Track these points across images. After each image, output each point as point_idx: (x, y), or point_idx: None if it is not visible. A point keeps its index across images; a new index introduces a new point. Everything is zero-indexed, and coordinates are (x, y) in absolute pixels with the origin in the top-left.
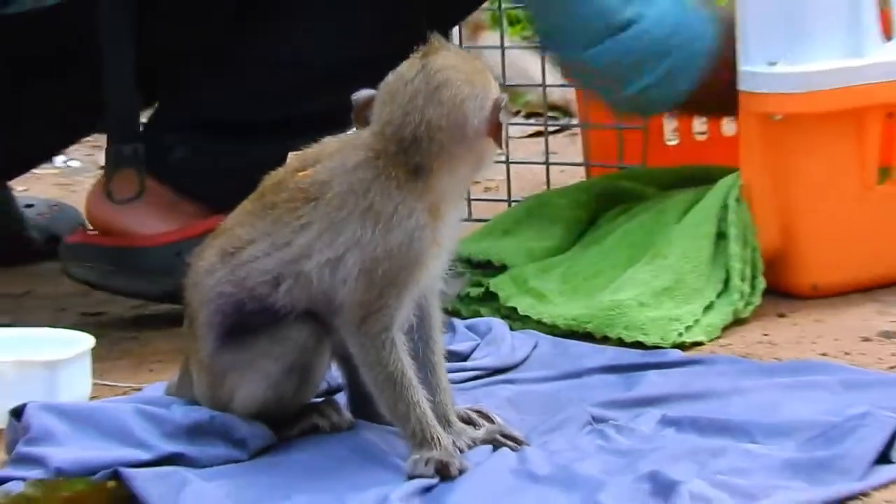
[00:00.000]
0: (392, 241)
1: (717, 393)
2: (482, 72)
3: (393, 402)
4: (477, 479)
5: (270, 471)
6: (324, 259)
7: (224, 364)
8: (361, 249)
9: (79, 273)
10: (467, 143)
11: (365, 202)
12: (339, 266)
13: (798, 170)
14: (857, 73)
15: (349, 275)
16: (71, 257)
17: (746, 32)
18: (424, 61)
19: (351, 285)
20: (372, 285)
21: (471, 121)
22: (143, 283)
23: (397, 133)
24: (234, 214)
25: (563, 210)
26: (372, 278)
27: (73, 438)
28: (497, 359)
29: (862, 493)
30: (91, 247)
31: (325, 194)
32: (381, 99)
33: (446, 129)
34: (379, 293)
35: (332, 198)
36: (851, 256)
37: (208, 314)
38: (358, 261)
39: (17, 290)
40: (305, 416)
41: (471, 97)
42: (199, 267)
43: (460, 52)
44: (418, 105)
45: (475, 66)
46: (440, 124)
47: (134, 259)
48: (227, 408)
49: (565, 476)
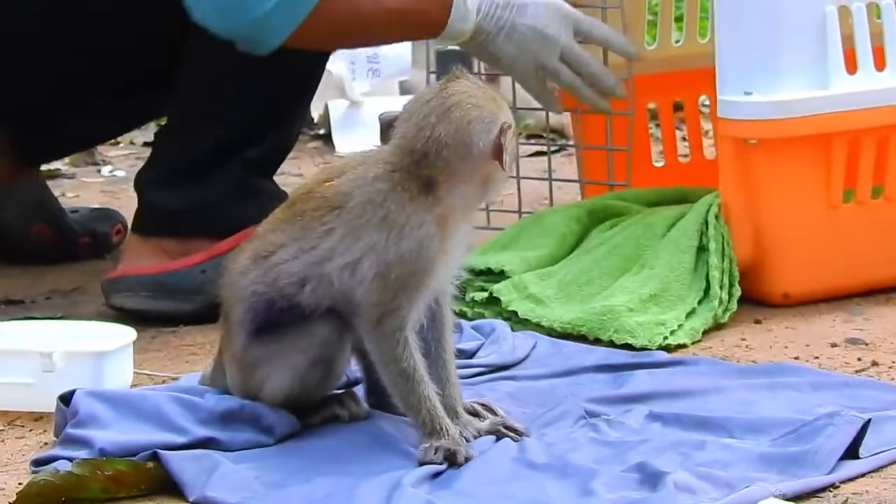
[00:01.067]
0: (403, 249)
1: (698, 391)
2: (494, 100)
3: (405, 395)
4: (481, 466)
5: (294, 455)
6: (343, 262)
7: (255, 357)
8: (377, 254)
9: (118, 302)
10: (471, 161)
11: (381, 212)
12: (356, 269)
13: (771, 189)
14: (823, 102)
15: (365, 277)
16: (111, 290)
17: (723, 64)
18: (444, 86)
19: (366, 287)
20: (386, 288)
21: (476, 141)
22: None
23: (410, 147)
24: (266, 221)
25: (556, 225)
26: (385, 282)
27: (116, 422)
28: (500, 357)
29: (832, 486)
30: (128, 277)
31: (347, 203)
32: (402, 117)
33: (451, 147)
34: (392, 295)
35: (353, 206)
36: (819, 268)
37: (241, 311)
38: (373, 265)
39: (68, 286)
40: (327, 406)
41: (478, 119)
42: (233, 269)
43: (478, 82)
44: (430, 122)
45: (488, 95)
46: (446, 141)
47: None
48: (256, 397)
49: (561, 465)
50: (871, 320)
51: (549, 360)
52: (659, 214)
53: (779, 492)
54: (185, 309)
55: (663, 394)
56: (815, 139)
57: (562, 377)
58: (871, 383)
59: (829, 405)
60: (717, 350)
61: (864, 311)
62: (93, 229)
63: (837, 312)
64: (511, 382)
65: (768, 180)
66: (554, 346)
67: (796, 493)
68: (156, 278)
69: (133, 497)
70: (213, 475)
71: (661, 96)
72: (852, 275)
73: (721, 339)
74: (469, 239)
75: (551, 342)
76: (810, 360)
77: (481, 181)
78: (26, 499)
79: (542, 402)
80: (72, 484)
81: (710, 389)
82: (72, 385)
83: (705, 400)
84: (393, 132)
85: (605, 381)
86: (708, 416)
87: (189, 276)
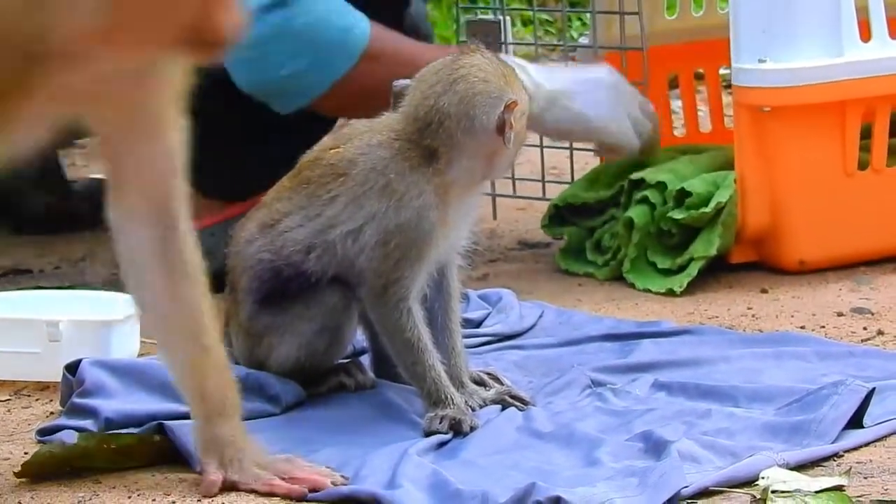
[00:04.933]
0: (402, 218)
1: (704, 361)
2: (505, 76)
3: (410, 365)
4: (487, 436)
5: (301, 425)
6: (347, 230)
7: (262, 325)
8: (377, 222)
9: None
10: (474, 135)
11: (383, 179)
12: (359, 236)
13: (786, 156)
14: (837, 69)
15: (367, 244)
16: None
17: (738, 33)
18: (456, 58)
19: (368, 254)
20: (387, 257)
21: (479, 115)
22: None
23: (414, 115)
24: (273, 190)
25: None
26: (386, 250)
27: (122, 392)
28: (506, 326)
29: (835, 455)
30: None
31: (351, 171)
32: (412, 86)
33: (454, 118)
34: (394, 264)
35: (357, 174)
36: (834, 235)
37: (248, 280)
38: (374, 233)
39: (75, 255)
40: (333, 375)
41: (483, 94)
42: (240, 237)
43: (493, 57)
44: (436, 92)
45: (500, 70)
46: (450, 112)
47: None
48: (263, 366)
49: (566, 434)
50: (878, 290)
51: (555, 330)
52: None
53: (783, 460)
54: None
55: (669, 363)
56: (829, 107)
57: (568, 346)
58: (876, 353)
59: (834, 374)
60: (723, 319)
61: (871, 280)
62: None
63: (844, 281)
64: (517, 352)
65: (783, 148)
66: (561, 316)
67: (800, 461)
68: None
69: (139, 467)
70: None
71: (682, 66)
72: (866, 242)
73: (727, 308)
74: (474, 211)
75: (558, 311)
76: (816, 330)
77: (484, 157)
78: (32, 467)
79: (548, 371)
80: (77, 455)
81: (716, 358)
82: (78, 354)
83: (711, 369)
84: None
85: (611, 350)
86: (713, 386)
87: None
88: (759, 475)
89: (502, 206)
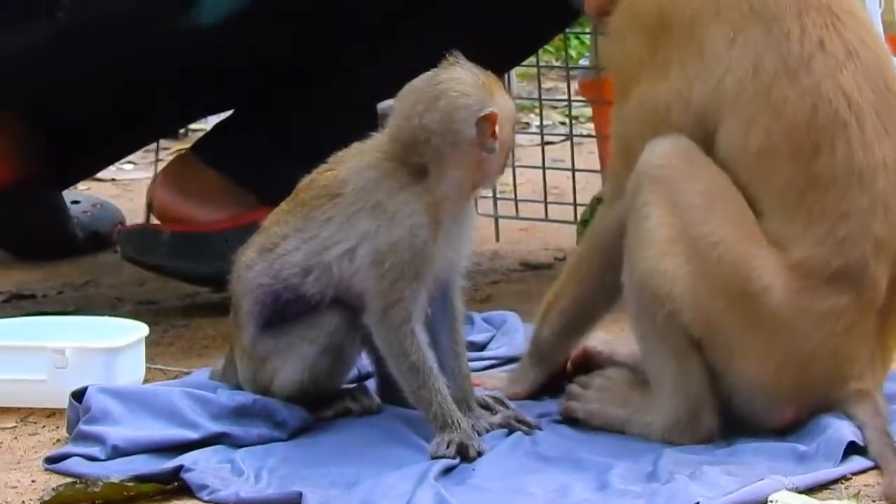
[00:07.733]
0: (394, 236)
1: None
2: (486, 87)
3: (416, 389)
4: (494, 461)
5: (307, 450)
6: (342, 250)
7: (265, 349)
8: (370, 242)
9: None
10: (459, 149)
11: (374, 200)
12: (353, 257)
13: None
14: None
15: (361, 265)
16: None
17: None
18: (435, 73)
19: (363, 275)
20: (383, 277)
21: (462, 129)
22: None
23: (399, 136)
24: (272, 214)
25: None
26: (381, 271)
27: (129, 418)
28: (511, 349)
29: (843, 478)
30: (150, 232)
31: (343, 191)
32: (395, 106)
33: (439, 134)
34: (390, 285)
35: (349, 194)
36: None
37: (249, 304)
38: (368, 252)
39: (79, 280)
40: (339, 400)
41: (464, 107)
42: (241, 262)
43: (474, 69)
44: (418, 111)
45: (481, 81)
46: (434, 129)
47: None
48: (267, 390)
49: (574, 458)
50: None
51: None
52: None
53: (791, 484)
54: (202, 271)
55: None
56: None
57: None
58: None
59: None
60: None
61: None
62: (94, 231)
63: None
64: None
65: None
66: None
67: (809, 485)
68: (176, 236)
69: (151, 498)
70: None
71: None
72: None
73: None
74: (472, 230)
75: None
76: None
77: (472, 168)
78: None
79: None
80: (99, 496)
81: None
82: (84, 381)
83: None
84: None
85: None
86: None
87: (211, 241)
88: (767, 499)
89: (505, 227)
